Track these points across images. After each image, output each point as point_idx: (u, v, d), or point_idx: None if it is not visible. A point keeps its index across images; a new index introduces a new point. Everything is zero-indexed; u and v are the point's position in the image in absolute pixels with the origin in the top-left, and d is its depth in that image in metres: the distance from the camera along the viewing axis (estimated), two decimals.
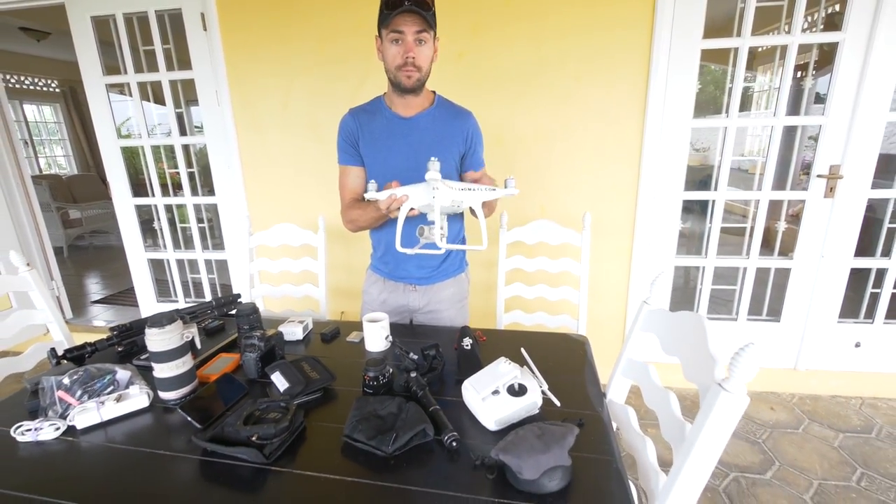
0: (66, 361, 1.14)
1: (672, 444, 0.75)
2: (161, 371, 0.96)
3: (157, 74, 2.30)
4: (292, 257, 1.80)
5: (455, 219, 1.38)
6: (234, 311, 1.47)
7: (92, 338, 1.21)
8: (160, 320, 0.94)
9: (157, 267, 2.70)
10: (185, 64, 2.26)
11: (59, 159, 7.05)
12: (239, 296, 1.53)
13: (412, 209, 1.06)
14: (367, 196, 1.09)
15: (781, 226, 2.12)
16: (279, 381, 0.99)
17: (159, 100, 2.40)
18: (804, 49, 1.88)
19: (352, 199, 1.32)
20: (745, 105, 1.96)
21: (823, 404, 2.12)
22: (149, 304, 2.72)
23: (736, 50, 1.90)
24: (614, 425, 0.99)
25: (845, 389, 2.17)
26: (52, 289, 2.86)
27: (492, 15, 1.92)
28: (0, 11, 2.39)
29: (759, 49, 1.90)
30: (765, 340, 2.19)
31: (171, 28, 2.25)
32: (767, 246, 2.17)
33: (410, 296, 1.39)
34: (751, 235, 2.12)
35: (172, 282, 2.68)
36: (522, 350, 1.05)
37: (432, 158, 1.00)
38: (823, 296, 2.09)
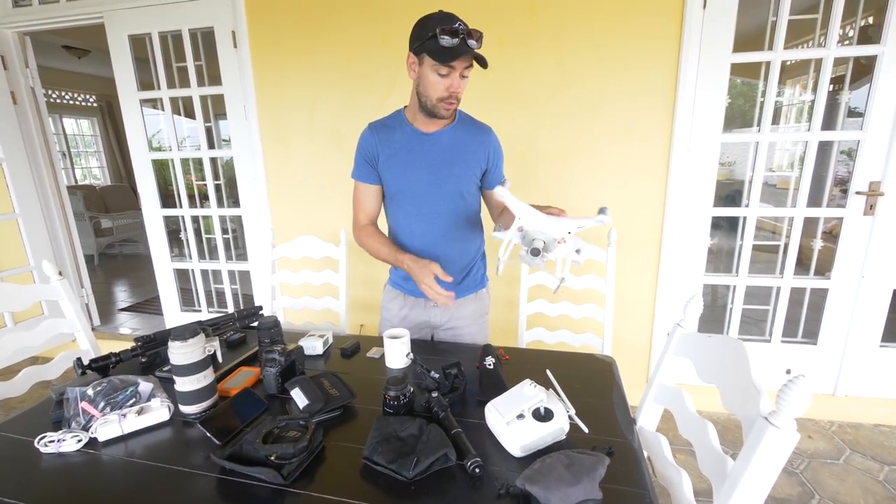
0: (90, 371, 1.15)
1: (711, 480, 0.70)
2: (182, 384, 0.95)
3: (189, 90, 2.37)
4: (314, 270, 1.81)
5: (476, 232, 1.36)
6: (255, 324, 1.48)
7: (118, 345, 1.23)
8: (183, 333, 0.94)
9: (182, 276, 2.75)
10: (216, 79, 2.32)
11: (95, 170, 7.35)
12: (261, 308, 1.53)
13: (521, 227, 1.00)
14: (497, 192, 0.99)
15: (817, 244, 2.03)
16: (299, 398, 0.98)
17: (190, 114, 2.48)
18: (838, 62, 1.81)
19: (367, 224, 1.32)
20: (774, 119, 1.92)
21: (866, 433, 1.99)
22: (173, 312, 2.77)
23: (768, 64, 1.85)
24: (645, 453, 0.94)
25: (890, 418, 2.04)
26: (81, 296, 2.94)
27: (518, 30, 1.92)
28: (46, 30, 2.52)
29: (788, 62, 1.85)
30: (801, 364, 2.08)
31: (203, 45, 2.32)
32: (801, 264, 2.08)
33: (432, 312, 1.37)
34: (784, 253, 2.04)
35: (196, 291, 2.72)
36: (548, 372, 1.01)
37: (606, 210, 0.95)
38: (864, 318, 1.98)
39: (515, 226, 1.01)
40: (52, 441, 0.89)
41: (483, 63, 1.08)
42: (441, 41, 1.04)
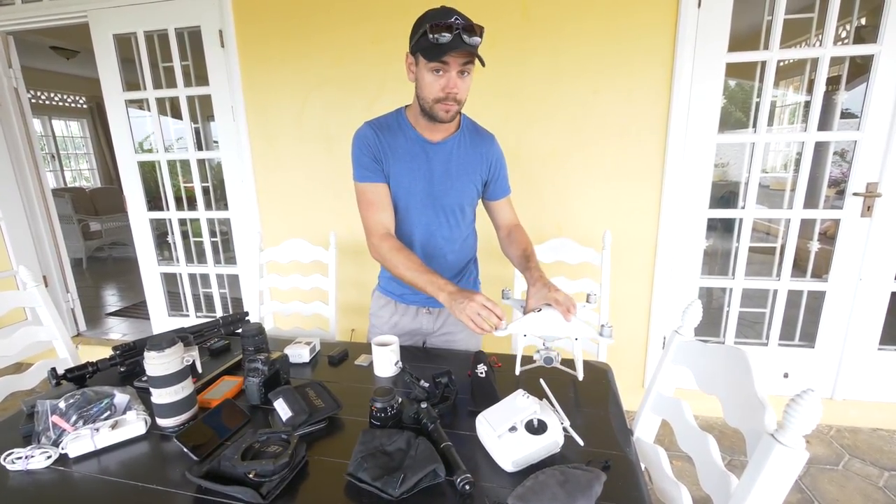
0: (66, 382, 1.11)
1: (713, 498, 0.67)
2: (159, 396, 0.91)
3: (175, 90, 2.32)
4: (303, 274, 1.76)
5: (470, 239, 1.32)
6: (240, 330, 1.43)
7: (104, 351, 1.18)
8: (159, 343, 0.89)
9: (170, 280, 2.69)
10: (203, 80, 2.28)
11: (85, 172, 7.25)
12: (247, 314, 1.49)
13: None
14: (498, 334, 0.96)
15: (814, 246, 2.00)
16: (282, 410, 0.94)
17: (177, 115, 2.42)
18: (833, 62, 1.80)
19: (388, 235, 1.14)
20: (768, 120, 1.91)
21: (864, 438, 1.97)
22: (160, 317, 2.71)
23: (763, 63, 1.83)
24: (642, 465, 0.90)
25: (888, 422, 2.01)
26: (66, 301, 2.87)
27: (509, 28, 1.89)
28: (30, 30, 2.46)
29: (780, 63, 1.83)
30: (798, 367, 2.06)
31: (190, 45, 2.27)
32: (798, 266, 2.06)
33: (424, 319, 1.33)
34: (781, 255, 2.02)
35: (184, 295, 2.67)
36: (542, 381, 0.98)
37: (610, 332, 1.02)
38: (862, 321, 1.96)
39: (521, 331, 1.04)
40: (20, 458, 0.84)
41: (480, 61, 1.01)
42: (431, 38, 0.97)
